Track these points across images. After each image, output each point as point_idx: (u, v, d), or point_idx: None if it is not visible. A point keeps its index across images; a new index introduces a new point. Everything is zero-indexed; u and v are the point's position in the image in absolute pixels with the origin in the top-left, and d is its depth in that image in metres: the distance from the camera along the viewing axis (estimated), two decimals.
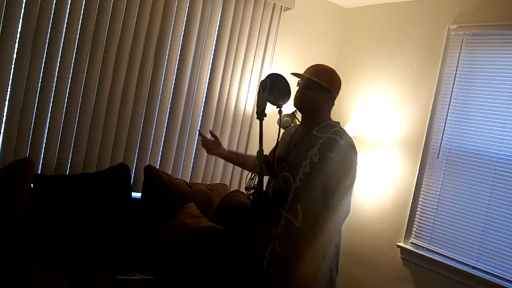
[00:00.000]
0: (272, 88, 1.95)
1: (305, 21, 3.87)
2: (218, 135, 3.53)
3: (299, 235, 2.04)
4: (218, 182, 3.58)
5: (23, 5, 2.78)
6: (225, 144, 3.59)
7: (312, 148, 2.05)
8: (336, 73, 2.17)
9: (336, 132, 2.09)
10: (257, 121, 1.88)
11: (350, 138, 2.11)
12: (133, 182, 3.24)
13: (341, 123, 2.23)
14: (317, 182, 2.04)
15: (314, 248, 2.05)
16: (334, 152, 2.02)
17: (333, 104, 2.19)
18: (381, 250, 3.42)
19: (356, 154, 2.09)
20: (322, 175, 2.03)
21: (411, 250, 3.22)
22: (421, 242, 3.20)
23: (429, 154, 3.24)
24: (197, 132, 3.45)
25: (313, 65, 2.18)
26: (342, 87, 2.20)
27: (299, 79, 2.15)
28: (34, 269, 2.44)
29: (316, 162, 2.03)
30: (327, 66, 2.19)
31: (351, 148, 2.07)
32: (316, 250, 2.06)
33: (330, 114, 2.21)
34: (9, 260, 2.50)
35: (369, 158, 3.55)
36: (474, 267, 2.88)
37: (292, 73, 2.16)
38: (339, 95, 2.20)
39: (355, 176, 2.08)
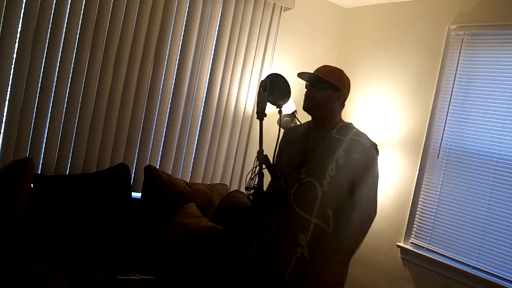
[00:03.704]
0: (272, 88, 1.94)
1: (305, 21, 3.87)
2: (218, 135, 3.54)
3: (332, 240, 2.03)
4: (218, 182, 3.58)
5: (23, 5, 2.78)
6: (225, 144, 3.60)
7: (337, 151, 2.04)
8: (345, 74, 2.16)
9: (357, 133, 2.10)
10: (257, 121, 1.87)
11: (371, 139, 2.12)
12: (133, 182, 3.24)
13: None
14: (344, 184, 2.04)
15: (346, 252, 2.05)
16: (360, 153, 2.03)
17: (343, 105, 2.18)
18: (381, 250, 3.42)
19: (378, 154, 2.11)
20: (348, 177, 2.03)
21: (411, 250, 3.22)
22: (421, 242, 3.20)
23: (429, 154, 3.24)
24: (197, 134, 3.45)
25: (321, 66, 2.16)
26: None
27: (306, 82, 2.13)
28: (34, 269, 2.44)
29: (342, 164, 2.02)
30: (335, 66, 2.17)
31: (374, 148, 2.09)
32: (347, 254, 2.06)
33: (341, 115, 2.19)
34: (9, 260, 2.50)
35: None
36: (474, 267, 2.88)
37: (298, 74, 2.12)
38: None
39: (378, 175, 2.09)
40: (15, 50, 2.80)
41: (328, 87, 2.07)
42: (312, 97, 2.09)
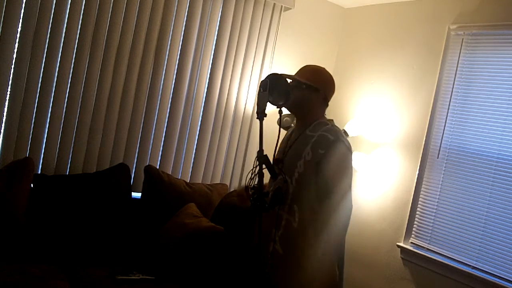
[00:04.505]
0: (272, 88, 1.95)
1: (305, 21, 3.87)
2: (218, 135, 3.55)
3: (297, 235, 2.04)
4: (218, 182, 3.58)
5: (23, 5, 2.78)
6: (225, 144, 3.60)
7: (305, 147, 2.06)
8: (326, 72, 2.15)
9: (327, 129, 2.08)
10: (257, 121, 1.88)
11: (341, 134, 2.09)
12: (133, 182, 3.24)
13: (341, 123, 2.23)
14: (311, 180, 2.04)
15: (313, 247, 2.04)
16: (325, 148, 2.01)
17: (326, 105, 2.18)
18: (381, 250, 3.42)
19: (348, 150, 2.06)
20: (314, 172, 2.03)
21: (411, 250, 3.22)
22: (421, 242, 3.20)
23: (429, 154, 3.24)
24: (197, 134, 3.45)
25: (304, 66, 2.18)
26: (342, 87, 2.19)
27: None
28: (34, 269, 2.44)
29: (309, 161, 2.03)
30: (316, 66, 2.17)
31: (339, 143, 2.04)
32: (315, 250, 2.05)
33: (323, 113, 2.19)
34: (10, 260, 2.50)
35: (369, 158, 3.55)
36: (474, 267, 2.88)
37: (281, 75, 2.15)
38: (339, 95, 2.19)
39: (348, 171, 2.05)
40: (15, 50, 2.80)
41: (304, 87, 2.08)
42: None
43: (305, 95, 2.10)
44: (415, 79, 3.40)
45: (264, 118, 1.87)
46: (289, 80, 2.06)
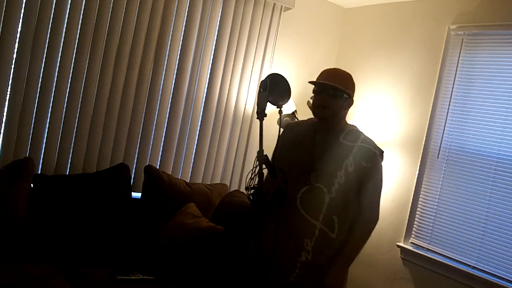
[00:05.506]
0: (272, 88, 1.94)
1: (305, 21, 3.87)
2: (218, 135, 3.54)
3: (334, 246, 2.06)
4: (218, 182, 3.58)
5: (23, 5, 2.78)
6: (225, 144, 3.60)
7: (346, 158, 2.06)
8: (352, 78, 2.16)
9: (366, 140, 2.12)
10: (257, 121, 1.88)
11: (377, 145, 2.15)
12: (133, 182, 3.24)
13: None
14: (352, 192, 2.06)
15: (348, 258, 2.09)
16: (369, 162, 2.06)
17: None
18: (381, 250, 3.42)
19: (383, 160, 2.15)
20: (357, 184, 2.05)
21: (411, 250, 3.22)
22: (421, 242, 3.20)
23: (429, 154, 3.24)
24: (197, 134, 3.45)
25: (331, 70, 2.12)
26: None
27: (316, 88, 2.10)
28: (34, 269, 2.44)
29: (351, 172, 2.04)
30: (345, 71, 2.15)
31: (382, 156, 2.13)
32: (348, 260, 2.10)
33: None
34: (9, 260, 2.50)
35: None
36: (474, 267, 2.88)
37: (311, 82, 2.10)
38: None
39: (382, 182, 2.14)
40: (15, 50, 2.80)
41: (343, 96, 2.07)
42: (328, 106, 2.06)
43: (343, 105, 2.09)
44: (415, 79, 3.40)
45: (264, 118, 1.87)
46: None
